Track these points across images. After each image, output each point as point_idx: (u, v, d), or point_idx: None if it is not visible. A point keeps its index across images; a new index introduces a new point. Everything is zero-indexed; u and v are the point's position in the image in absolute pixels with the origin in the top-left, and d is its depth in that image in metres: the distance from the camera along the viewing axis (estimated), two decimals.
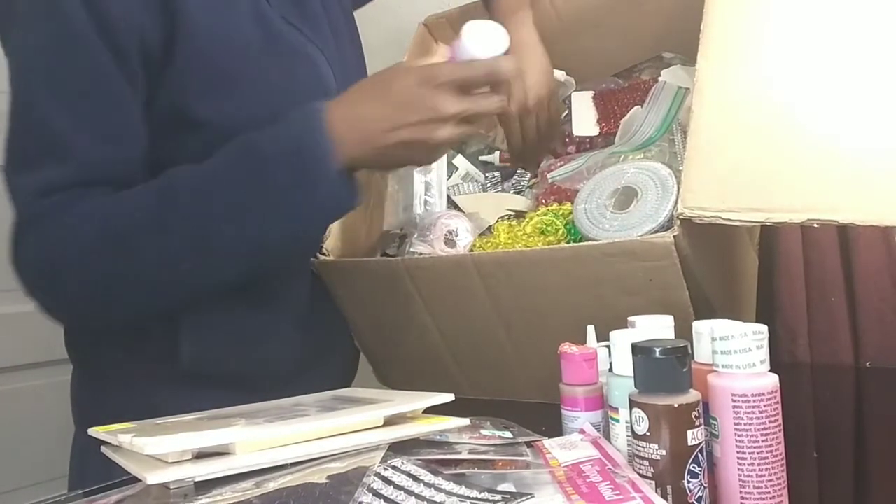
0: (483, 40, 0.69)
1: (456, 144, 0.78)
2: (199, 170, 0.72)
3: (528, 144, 0.96)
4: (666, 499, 0.47)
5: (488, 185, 1.04)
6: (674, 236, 0.67)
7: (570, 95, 1.05)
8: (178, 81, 0.75)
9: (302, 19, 0.86)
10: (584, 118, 1.01)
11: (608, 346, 0.59)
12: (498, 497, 0.46)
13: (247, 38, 0.79)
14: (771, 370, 0.49)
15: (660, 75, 0.98)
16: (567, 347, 0.62)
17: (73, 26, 0.70)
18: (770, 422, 0.48)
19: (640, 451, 0.49)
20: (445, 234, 0.86)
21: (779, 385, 0.49)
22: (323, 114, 0.69)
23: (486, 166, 1.07)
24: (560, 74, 1.04)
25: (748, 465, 0.48)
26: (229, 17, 0.78)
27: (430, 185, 0.94)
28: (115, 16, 0.70)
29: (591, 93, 1.04)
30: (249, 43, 0.79)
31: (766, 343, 0.49)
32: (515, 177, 1.02)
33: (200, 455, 0.52)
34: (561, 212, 0.85)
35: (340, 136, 0.69)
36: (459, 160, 1.06)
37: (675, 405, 0.47)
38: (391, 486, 0.48)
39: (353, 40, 0.99)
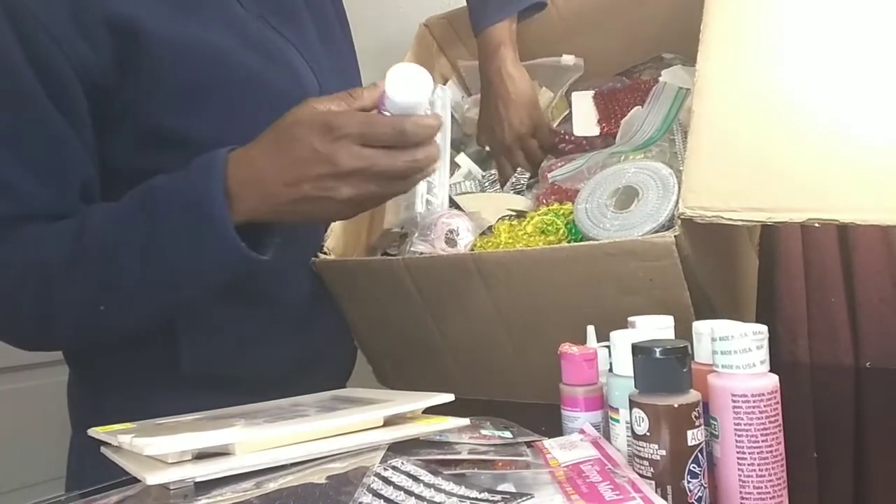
0: (406, 88, 0.64)
1: (373, 204, 0.69)
2: (109, 213, 0.71)
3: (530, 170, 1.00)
4: (666, 499, 0.47)
5: (486, 183, 1.04)
6: (675, 236, 0.67)
7: (571, 94, 1.05)
8: (147, 100, 0.75)
9: (280, 19, 0.85)
10: (584, 118, 1.01)
11: (608, 347, 0.59)
12: (498, 497, 0.46)
13: (217, 46, 0.77)
14: (771, 370, 0.49)
15: (660, 75, 0.98)
16: (567, 347, 0.62)
17: (7, 66, 0.70)
18: (770, 422, 0.48)
19: (640, 451, 0.49)
20: (446, 234, 0.86)
21: (779, 385, 0.49)
22: (222, 170, 0.66)
23: (483, 165, 1.07)
24: (569, 58, 1.05)
25: (748, 465, 0.48)
26: (195, 28, 0.76)
27: (432, 184, 0.94)
28: (50, 53, 0.70)
29: (591, 92, 1.04)
30: (220, 52, 0.77)
31: (766, 343, 0.49)
32: (515, 175, 1.02)
33: (200, 455, 0.52)
34: (562, 211, 0.85)
35: (238, 193, 0.66)
36: (462, 158, 1.06)
37: (675, 405, 0.47)
38: (391, 487, 0.48)
39: (345, 38, 0.99)
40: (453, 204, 0.97)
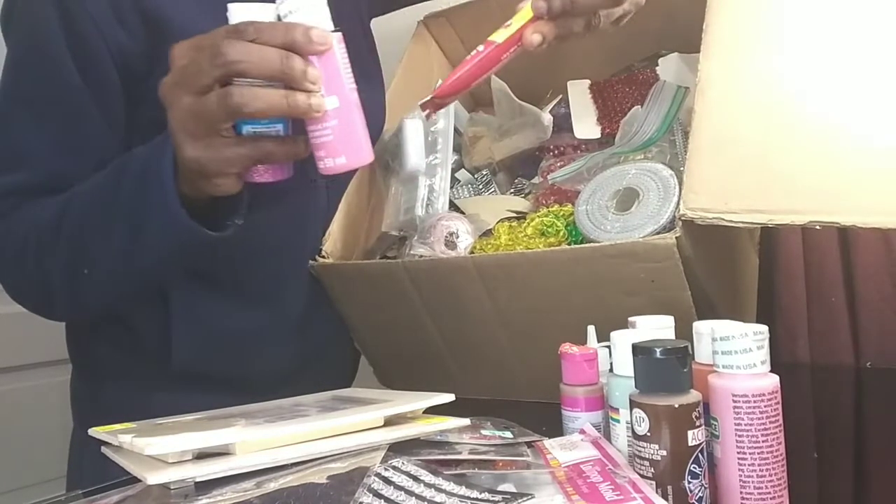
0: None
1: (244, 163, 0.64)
2: (92, 180, 0.72)
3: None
4: (666, 499, 0.47)
5: (480, 185, 1.03)
6: (676, 238, 0.67)
7: (567, 83, 1.04)
8: None
9: None
10: (583, 116, 1.01)
11: (609, 347, 0.59)
12: (498, 497, 0.46)
13: None
14: (771, 370, 0.49)
15: (657, 65, 0.98)
16: (567, 348, 0.62)
17: (47, 43, 0.72)
18: (770, 422, 0.48)
19: (640, 451, 0.49)
20: (446, 236, 0.86)
21: (779, 385, 0.49)
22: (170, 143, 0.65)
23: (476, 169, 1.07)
24: (547, 118, 0.99)
25: (749, 465, 0.48)
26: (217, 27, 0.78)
27: (433, 188, 0.94)
28: (89, 33, 0.72)
29: (587, 82, 1.04)
30: None
31: (766, 343, 0.49)
32: (519, 178, 1.02)
33: (201, 455, 0.52)
34: (561, 213, 0.85)
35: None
36: (463, 174, 1.06)
37: (676, 405, 0.47)
38: (391, 487, 0.48)
39: (374, 66, 0.99)
40: (453, 206, 0.97)
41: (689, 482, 0.47)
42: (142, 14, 0.73)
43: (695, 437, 0.47)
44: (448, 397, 0.62)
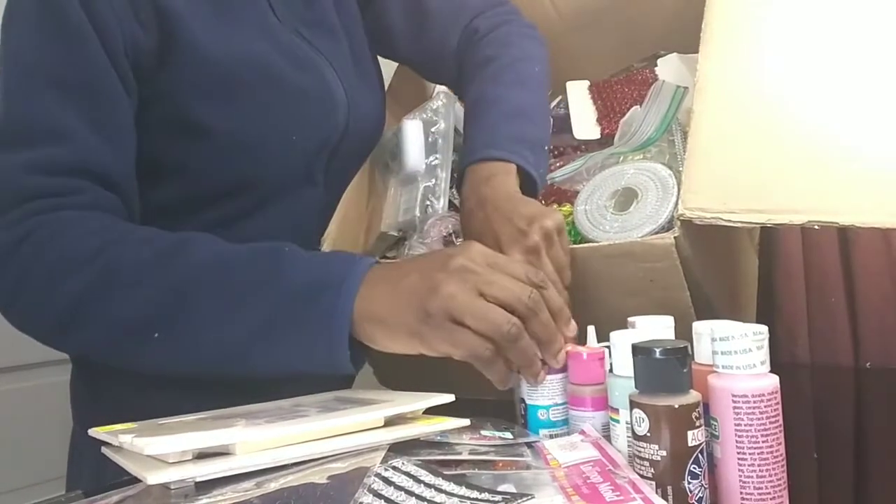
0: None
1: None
2: (218, 248, 0.68)
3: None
4: (666, 499, 0.47)
5: None
6: (674, 237, 0.67)
7: (566, 84, 1.04)
8: (177, 88, 0.76)
9: (314, 33, 0.87)
10: (583, 115, 1.01)
11: (608, 347, 0.59)
12: (498, 498, 0.46)
13: (249, 49, 0.79)
14: (771, 371, 0.49)
15: (656, 65, 0.98)
16: (572, 348, 0.62)
17: (71, 24, 0.71)
18: (770, 422, 0.48)
19: (640, 451, 0.49)
20: (444, 236, 0.86)
21: (779, 386, 0.49)
22: (363, 270, 0.63)
23: None
24: None
25: (748, 465, 0.48)
26: (232, 31, 0.78)
27: (433, 189, 0.94)
28: (111, 25, 0.72)
29: (586, 83, 1.04)
30: (252, 53, 0.79)
31: (766, 343, 0.49)
32: None
33: (201, 455, 0.52)
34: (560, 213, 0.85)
35: (369, 307, 0.63)
36: None
37: (676, 406, 0.47)
38: (391, 487, 0.48)
39: (374, 67, 0.99)
40: (452, 207, 0.97)
41: (689, 482, 0.47)
42: (157, 13, 0.73)
43: (695, 437, 0.47)
44: (448, 397, 0.62)
